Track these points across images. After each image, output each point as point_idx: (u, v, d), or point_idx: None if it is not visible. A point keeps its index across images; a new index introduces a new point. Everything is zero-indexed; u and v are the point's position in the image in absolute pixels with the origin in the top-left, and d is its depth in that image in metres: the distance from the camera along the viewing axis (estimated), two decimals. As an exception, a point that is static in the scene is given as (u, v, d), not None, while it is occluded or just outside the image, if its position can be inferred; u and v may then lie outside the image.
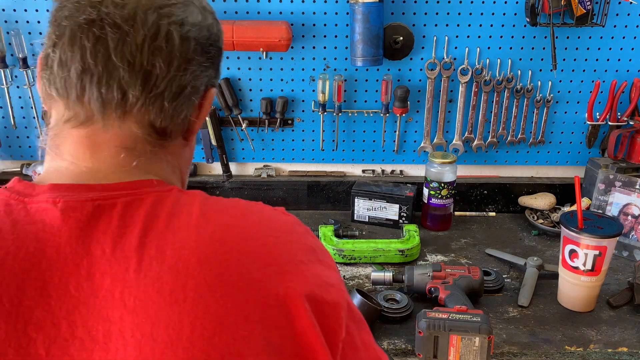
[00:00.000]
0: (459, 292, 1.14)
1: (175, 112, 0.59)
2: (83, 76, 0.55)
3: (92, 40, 0.54)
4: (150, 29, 0.55)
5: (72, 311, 0.48)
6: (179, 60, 0.57)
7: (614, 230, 1.10)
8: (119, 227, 0.51)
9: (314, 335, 0.51)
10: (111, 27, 0.54)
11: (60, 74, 0.56)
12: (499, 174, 1.69)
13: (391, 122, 1.60)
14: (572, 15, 1.41)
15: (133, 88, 0.55)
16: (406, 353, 1.06)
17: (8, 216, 0.52)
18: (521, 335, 1.09)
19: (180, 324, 0.47)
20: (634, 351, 1.05)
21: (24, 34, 1.48)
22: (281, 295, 0.51)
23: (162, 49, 0.56)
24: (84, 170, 0.57)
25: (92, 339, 0.48)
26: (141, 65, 0.55)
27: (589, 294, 1.15)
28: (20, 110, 1.57)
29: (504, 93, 1.56)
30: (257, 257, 0.52)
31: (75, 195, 0.53)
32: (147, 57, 0.55)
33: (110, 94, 0.55)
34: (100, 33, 0.54)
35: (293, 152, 1.64)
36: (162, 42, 0.56)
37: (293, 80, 1.56)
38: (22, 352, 0.46)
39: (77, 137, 0.57)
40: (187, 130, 0.63)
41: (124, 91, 0.55)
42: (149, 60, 0.55)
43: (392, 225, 1.55)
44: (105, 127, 0.57)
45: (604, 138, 1.60)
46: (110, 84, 0.55)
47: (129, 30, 0.54)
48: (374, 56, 1.44)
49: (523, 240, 1.49)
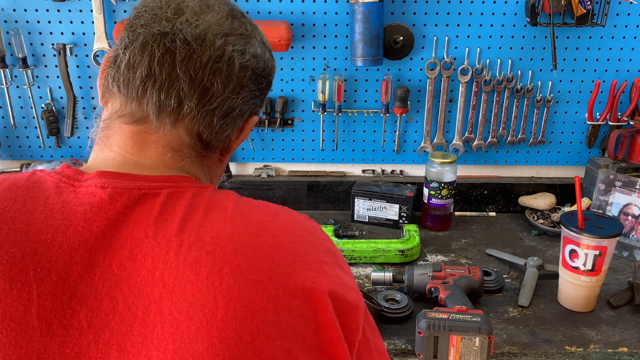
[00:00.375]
0: (459, 292, 1.14)
1: (221, 129, 0.65)
2: (147, 80, 0.60)
3: (162, 50, 0.60)
4: (216, 52, 0.61)
5: (114, 288, 0.51)
6: (235, 84, 0.63)
7: (614, 230, 1.10)
8: (161, 214, 0.55)
9: (335, 330, 0.54)
10: (181, 42, 0.60)
11: (125, 73, 0.61)
12: (499, 174, 1.69)
13: (391, 122, 1.60)
14: (572, 15, 1.41)
15: (189, 100, 0.61)
16: (406, 353, 1.05)
17: (59, 197, 0.55)
18: (521, 335, 1.09)
19: (215, 305, 0.51)
20: (634, 351, 1.05)
21: (24, 34, 1.48)
22: (307, 289, 0.54)
23: (223, 71, 0.62)
24: (130, 162, 0.62)
25: (131, 315, 0.51)
26: (201, 81, 0.61)
27: (589, 294, 1.15)
28: (20, 110, 1.57)
29: (504, 93, 1.56)
30: (286, 252, 0.56)
31: (123, 183, 0.57)
32: (208, 75, 0.61)
33: (168, 101, 0.61)
34: (170, 45, 0.60)
35: (293, 152, 1.64)
36: (224, 65, 0.62)
37: (293, 80, 1.56)
38: (66, 323, 0.50)
39: (128, 132, 0.63)
40: (225, 148, 0.69)
41: (180, 101, 0.61)
42: (209, 79, 0.61)
43: (392, 225, 1.55)
44: (156, 128, 0.62)
45: (604, 138, 1.60)
46: (170, 92, 0.60)
47: (197, 49, 0.60)
48: (374, 56, 1.44)
49: (523, 240, 1.49)
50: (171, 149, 0.63)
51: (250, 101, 0.67)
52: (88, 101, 1.57)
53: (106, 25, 1.46)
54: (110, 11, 1.47)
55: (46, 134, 1.57)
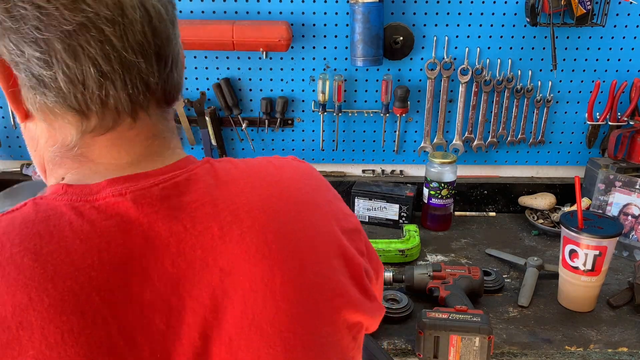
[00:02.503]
0: (459, 292, 1.14)
1: (179, 79, 0.61)
2: (104, 84, 0.53)
3: (97, 47, 0.52)
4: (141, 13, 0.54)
5: (176, 286, 0.52)
6: (170, 30, 0.57)
7: (614, 230, 1.10)
8: (188, 202, 0.55)
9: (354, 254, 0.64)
10: (107, 24, 0.51)
11: (72, 90, 0.53)
12: (499, 174, 1.69)
13: (391, 122, 1.60)
14: (572, 15, 1.41)
15: (152, 75, 0.55)
16: (406, 353, 1.06)
17: (81, 217, 0.52)
18: (521, 335, 1.09)
19: (272, 274, 0.55)
20: (634, 351, 1.05)
21: (24, 34, 1.48)
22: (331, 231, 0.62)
23: (157, 26, 0.55)
24: (125, 165, 0.57)
25: (200, 305, 0.53)
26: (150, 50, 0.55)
27: (589, 294, 1.15)
28: (20, 110, 1.57)
29: (504, 93, 1.56)
30: (306, 204, 0.62)
31: (139, 184, 0.54)
32: (152, 41, 0.55)
33: (136, 90, 0.55)
34: (99, 35, 0.51)
35: (293, 152, 1.63)
36: (155, 21, 0.55)
37: (293, 80, 1.56)
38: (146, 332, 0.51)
39: (106, 141, 0.56)
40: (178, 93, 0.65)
41: (146, 82, 0.55)
42: (154, 43, 0.55)
43: (392, 225, 1.55)
44: (131, 124, 0.57)
45: (604, 138, 1.60)
46: (133, 81, 0.54)
47: (125, 22, 0.52)
48: (374, 56, 1.44)
49: (523, 240, 1.49)
50: (153, 137, 0.59)
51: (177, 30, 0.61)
52: (88, 101, 1.57)
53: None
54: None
55: (46, 134, 1.57)
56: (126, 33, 0.53)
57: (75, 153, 0.57)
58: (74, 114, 0.54)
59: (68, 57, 0.51)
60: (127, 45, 0.53)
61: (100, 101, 0.53)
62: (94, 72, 0.52)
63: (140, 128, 0.57)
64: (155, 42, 0.55)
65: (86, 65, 0.52)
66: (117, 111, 0.55)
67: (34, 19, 0.50)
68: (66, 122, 0.55)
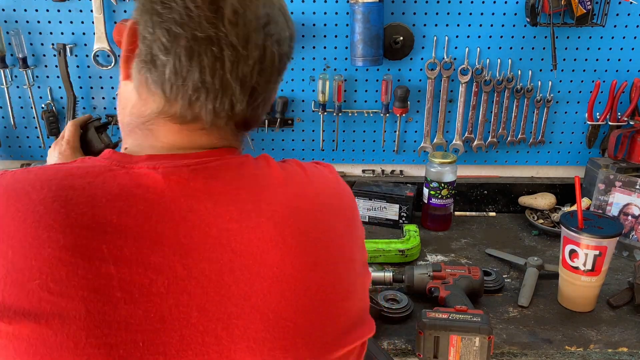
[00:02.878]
0: (459, 292, 1.14)
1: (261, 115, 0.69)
2: (199, 90, 0.60)
3: (211, 60, 0.59)
4: (260, 51, 0.62)
5: (185, 256, 0.56)
6: (275, 76, 0.66)
7: (614, 230, 1.10)
8: (215, 186, 0.60)
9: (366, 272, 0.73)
10: (228, 47, 0.59)
11: (173, 80, 0.60)
12: (499, 174, 1.69)
13: (391, 122, 1.60)
14: (572, 15, 1.41)
15: (241, 102, 0.63)
16: (406, 353, 1.06)
17: (114, 180, 0.58)
18: (521, 335, 1.09)
19: (282, 263, 0.59)
20: (634, 351, 1.05)
21: (24, 34, 1.48)
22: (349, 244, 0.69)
23: (266, 69, 0.64)
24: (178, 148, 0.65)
25: (205, 278, 0.56)
26: (250, 83, 0.62)
27: (589, 294, 1.15)
28: (20, 110, 1.57)
29: (504, 93, 1.56)
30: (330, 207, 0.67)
31: (172, 162, 0.60)
32: (255, 77, 0.62)
33: (222, 107, 0.62)
34: (218, 53, 0.59)
35: (293, 152, 1.63)
36: (267, 64, 0.63)
37: (293, 80, 1.56)
38: (146, 292, 0.54)
39: (177, 128, 0.64)
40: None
41: (232, 105, 0.62)
42: (256, 80, 0.63)
43: (392, 225, 1.55)
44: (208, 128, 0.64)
45: (604, 138, 1.60)
46: (223, 99, 0.62)
47: (243, 53, 0.60)
48: (374, 56, 1.44)
49: (523, 240, 1.49)
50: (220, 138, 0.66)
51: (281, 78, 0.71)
52: (88, 101, 1.57)
53: (106, 25, 1.46)
54: (111, 11, 1.47)
55: (46, 134, 1.57)
56: (239, 61, 0.61)
57: (146, 126, 0.65)
58: (162, 96, 0.62)
59: (184, 55, 0.59)
60: (234, 71, 0.61)
61: (189, 100, 0.61)
62: (197, 77, 0.60)
63: (211, 131, 0.65)
64: (256, 79, 0.63)
65: (195, 68, 0.59)
66: (200, 114, 0.62)
67: (177, 14, 0.59)
68: (153, 99, 0.63)
